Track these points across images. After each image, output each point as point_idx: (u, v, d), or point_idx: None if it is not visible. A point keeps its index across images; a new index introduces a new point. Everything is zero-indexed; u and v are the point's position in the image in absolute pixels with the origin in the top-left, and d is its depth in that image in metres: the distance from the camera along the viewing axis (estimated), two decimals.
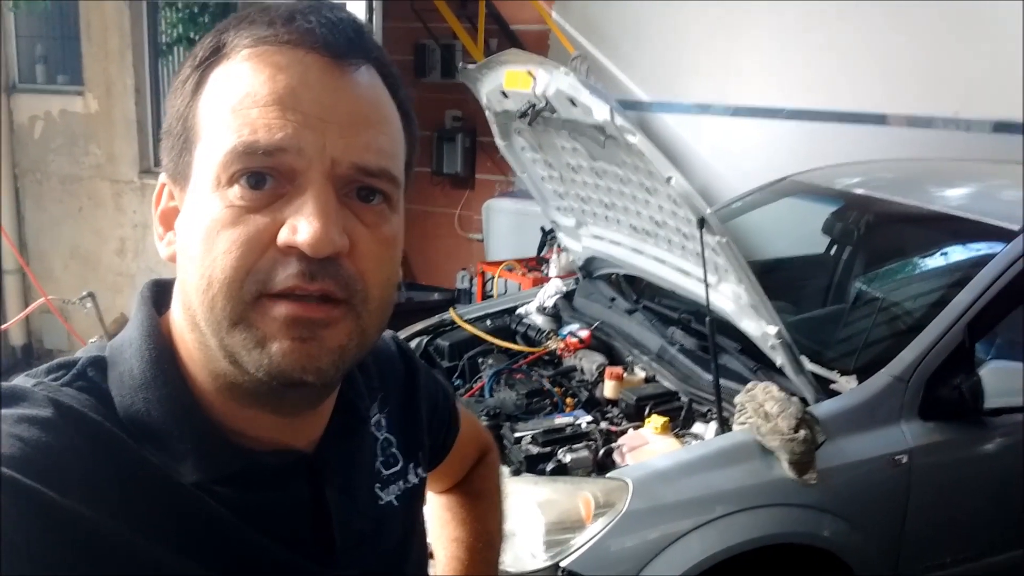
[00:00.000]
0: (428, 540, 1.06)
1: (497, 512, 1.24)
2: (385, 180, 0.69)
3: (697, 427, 2.51)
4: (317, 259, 0.64)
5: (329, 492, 0.78)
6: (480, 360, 3.09)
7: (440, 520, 1.21)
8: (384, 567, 0.86)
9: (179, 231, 0.71)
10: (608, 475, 2.24)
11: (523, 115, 2.67)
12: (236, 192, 0.65)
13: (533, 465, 2.35)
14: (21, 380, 0.70)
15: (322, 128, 0.66)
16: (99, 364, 0.73)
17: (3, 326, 5.25)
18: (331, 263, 0.65)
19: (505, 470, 2.34)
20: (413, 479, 0.93)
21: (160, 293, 0.77)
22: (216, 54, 0.69)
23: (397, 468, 0.91)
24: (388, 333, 1.01)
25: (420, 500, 0.97)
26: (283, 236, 0.64)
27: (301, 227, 0.64)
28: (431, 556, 1.12)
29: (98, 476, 0.63)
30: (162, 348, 0.72)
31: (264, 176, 0.65)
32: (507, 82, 2.67)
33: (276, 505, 0.74)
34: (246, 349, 0.65)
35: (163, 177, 0.74)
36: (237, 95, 0.66)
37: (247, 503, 0.71)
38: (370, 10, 4.25)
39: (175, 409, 0.70)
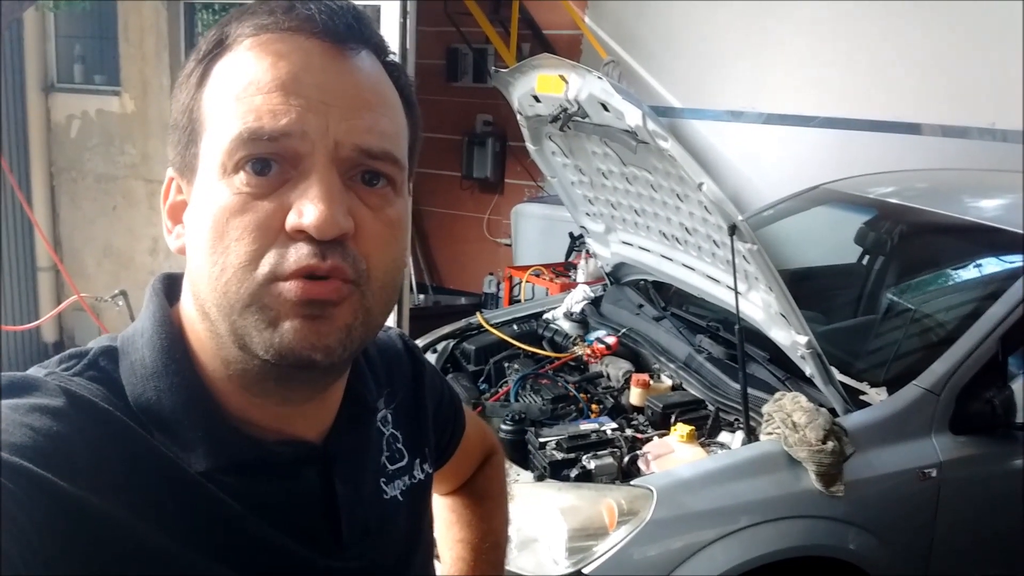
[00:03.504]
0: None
1: (503, 514, 1.24)
2: (388, 163, 0.70)
3: (723, 436, 2.49)
4: (324, 241, 0.65)
5: (338, 483, 0.78)
6: (506, 364, 3.08)
7: (445, 521, 1.21)
8: (390, 561, 0.86)
9: (188, 223, 0.72)
10: (632, 483, 2.23)
11: (555, 119, 2.66)
12: (242, 179, 0.66)
13: (557, 471, 2.34)
14: (34, 370, 0.71)
15: (325, 111, 0.66)
16: (111, 354, 0.74)
17: (36, 323, 5.32)
18: (338, 245, 0.66)
19: (529, 475, 2.33)
20: (419, 475, 0.93)
21: (171, 286, 0.78)
22: (219, 47, 0.70)
23: (403, 463, 0.91)
24: (395, 331, 1.03)
25: (427, 496, 0.97)
26: (291, 220, 0.65)
27: (307, 210, 0.65)
28: (437, 558, 1.12)
29: (108, 465, 0.64)
30: (174, 337, 0.73)
31: (269, 162, 0.66)
32: (539, 86, 2.67)
33: (285, 495, 0.74)
34: (257, 330, 0.66)
35: (170, 172, 0.75)
36: (240, 83, 0.67)
37: (256, 493, 0.72)
38: (404, 14, 4.27)
39: (186, 397, 0.70)
